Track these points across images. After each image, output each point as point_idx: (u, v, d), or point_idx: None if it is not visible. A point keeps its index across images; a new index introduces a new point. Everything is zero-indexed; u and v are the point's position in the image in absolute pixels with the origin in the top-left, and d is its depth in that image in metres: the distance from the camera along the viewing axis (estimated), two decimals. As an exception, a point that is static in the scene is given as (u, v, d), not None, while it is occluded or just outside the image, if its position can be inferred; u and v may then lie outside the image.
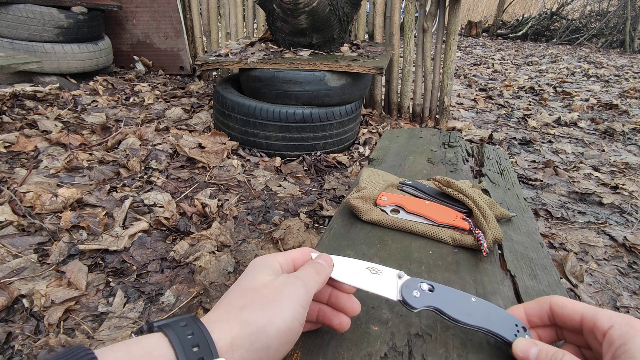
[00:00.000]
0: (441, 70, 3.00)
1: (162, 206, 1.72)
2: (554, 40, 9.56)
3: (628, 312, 1.42)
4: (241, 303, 0.40)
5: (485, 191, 0.95)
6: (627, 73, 6.00)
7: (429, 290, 0.49)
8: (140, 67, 3.83)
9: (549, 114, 3.65)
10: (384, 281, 0.49)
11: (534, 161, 2.63)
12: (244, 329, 0.37)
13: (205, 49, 3.80)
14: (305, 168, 2.26)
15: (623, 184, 2.30)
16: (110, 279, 1.34)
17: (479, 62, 6.26)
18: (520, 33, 9.65)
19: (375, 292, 0.48)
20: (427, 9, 2.92)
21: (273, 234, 1.62)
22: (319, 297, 0.48)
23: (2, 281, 1.24)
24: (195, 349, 0.34)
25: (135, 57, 3.81)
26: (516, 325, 0.47)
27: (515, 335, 0.46)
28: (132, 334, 0.38)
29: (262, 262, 0.46)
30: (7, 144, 2.08)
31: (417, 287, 0.49)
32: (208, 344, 0.35)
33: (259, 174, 2.13)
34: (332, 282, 0.49)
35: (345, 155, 2.47)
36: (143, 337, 0.36)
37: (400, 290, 0.48)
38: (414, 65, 3.07)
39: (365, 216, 0.77)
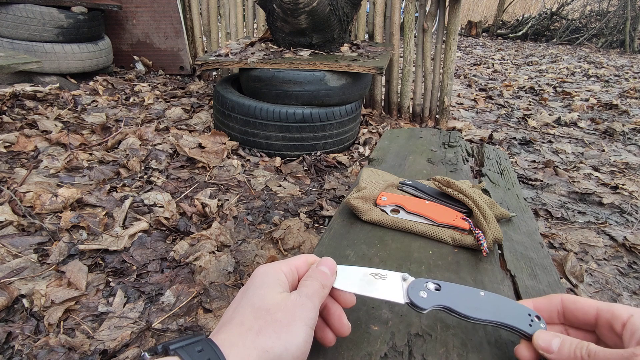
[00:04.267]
0: (441, 70, 3.00)
1: (162, 206, 1.72)
2: (554, 40, 9.56)
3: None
4: (256, 327, 0.40)
5: (485, 191, 0.95)
6: (627, 73, 6.00)
7: (436, 289, 0.48)
8: (140, 67, 3.83)
9: (549, 114, 3.65)
10: (389, 285, 0.48)
11: (534, 161, 2.63)
12: (261, 357, 0.37)
13: (205, 49, 3.80)
14: (305, 168, 2.26)
15: (623, 184, 2.30)
16: (110, 279, 1.34)
17: (479, 62, 6.26)
18: (520, 33, 9.65)
19: (382, 297, 0.47)
20: (427, 9, 2.92)
21: (273, 234, 1.62)
22: None
23: (2, 281, 1.24)
24: None
25: (135, 57, 3.81)
26: (529, 314, 0.46)
27: (530, 325, 0.45)
28: (145, 353, 0.37)
29: (269, 274, 0.45)
30: (7, 144, 2.08)
31: (424, 288, 0.48)
32: None
33: (259, 174, 2.13)
34: (333, 292, 0.48)
35: (345, 155, 2.47)
36: None
37: (406, 293, 0.47)
38: (414, 65, 3.07)
39: (365, 216, 0.77)
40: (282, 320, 0.40)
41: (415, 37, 3.03)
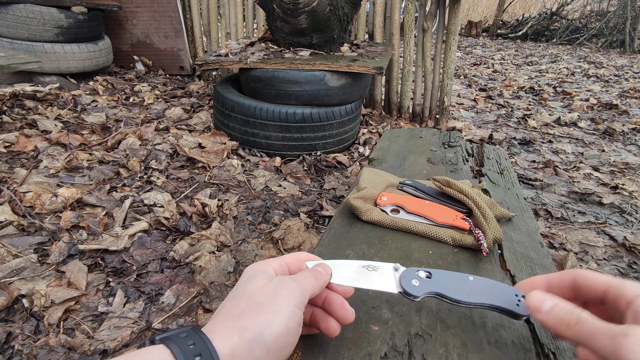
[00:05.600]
0: (441, 70, 3.00)
1: (162, 206, 1.72)
2: (554, 40, 9.56)
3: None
4: (237, 311, 0.40)
5: (485, 191, 0.95)
6: (627, 73, 6.00)
7: (427, 277, 0.49)
8: (140, 67, 3.83)
9: (549, 114, 3.65)
10: (382, 276, 0.49)
11: (534, 161, 2.63)
12: (242, 337, 0.37)
13: (205, 49, 3.80)
14: (305, 168, 2.26)
15: (623, 184, 2.30)
16: (110, 279, 1.34)
17: (479, 62, 6.26)
18: (520, 33, 9.65)
19: (375, 288, 0.48)
20: (427, 9, 2.92)
21: (273, 234, 1.62)
22: (314, 300, 0.48)
23: (2, 281, 1.24)
24: (197, 358, 0.35)
25: (135, 57, 3.81)
26: (516, 295, 0.47)
27: (517, 305, 0.47)
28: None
29: (256, 269, 0.46)
30: (7, 144, 2.08)
31: (415, 276, 0.49)
32: (210, 353, 0.35)
33: (259, 174, 2.13)
34: (329, 285, 0.49)
35: (345, 155, 2.47)
36: (145, 349, 0.36)
37: (399, 282, 0.49)
38: (414, 65, 3.07)
39: (365, 216, 0.77)
40: (263, 301, 0.40)
41: (415, 37, 3.03)
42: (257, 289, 0.42)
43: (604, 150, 2.89)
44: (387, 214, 0.78)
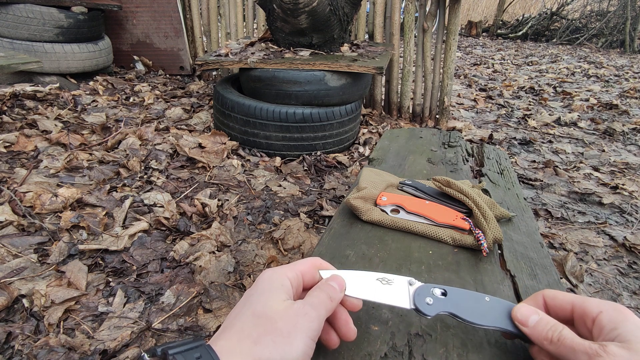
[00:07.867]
0: (441, 70, 3.00)
1: (162, 206, 1.72)
2: (554, 40, 9.56)
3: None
4: (254, 334, 0.39)
5: (485, 191, 0.95)
6: (627, 73, 6.00)
7: (442, 294, 0.48)
8: (140, 67, 3.83)
9: (549, 114, 3.65)
10: (396, 291, 0.49)
11: (534, 161, 2.63)
12: None
13: (205, 49, 3.80)
14: (305, 168, 2.26)
15: (623, 184, 2.30)
16: (110, 279, 1.34)
17: (479, 62, 6.26)
18: (520, 33, 9.65)
19: (388, 303, 0.48)
20: (427, 9, 2.92)
21: (273, 234, 1.62)
22: None
23: (2, 281, 1.24)
24: None
25: (135, 57, 3.81)
26: None
27: None
28: (145, 354, 0.37)
29: (273, 280, 0.45)
30: (7, 144, 2.08)
31: (430, 294, 0.48)
32: None
33: (259, 174, 2.13)
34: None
35: (345, 155, 2.47)
36: None
37: (412, 298, 0.48)
38: (414, 65, 3.07)
39: (365, 216, 0.77)
40: (282, 329, 0.39)
41: (415, 37, 3.03)
42: (277, 313, 0.41)
43: (604, 150, 2.89)
44: (387, 214, 0.78)
